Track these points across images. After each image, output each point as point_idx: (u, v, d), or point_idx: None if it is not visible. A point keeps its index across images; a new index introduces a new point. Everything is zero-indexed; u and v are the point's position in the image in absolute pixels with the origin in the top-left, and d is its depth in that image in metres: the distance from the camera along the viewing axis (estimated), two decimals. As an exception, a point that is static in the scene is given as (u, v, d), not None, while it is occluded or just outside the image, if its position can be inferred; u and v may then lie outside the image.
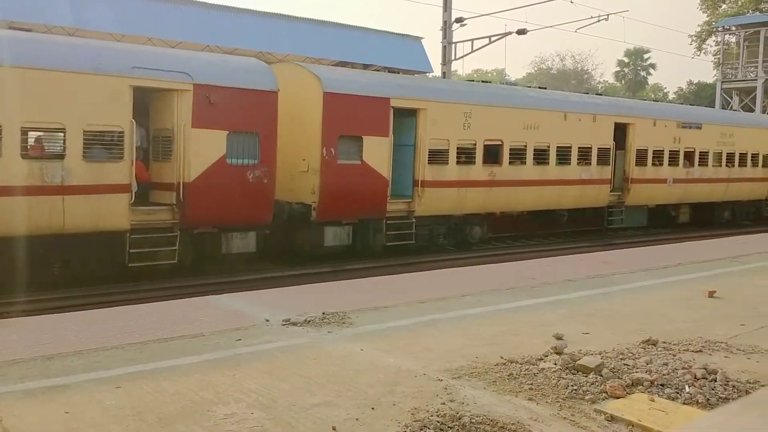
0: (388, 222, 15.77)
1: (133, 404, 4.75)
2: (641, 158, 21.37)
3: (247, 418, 4.54)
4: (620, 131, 20.79)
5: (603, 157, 20.07)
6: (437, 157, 16.47)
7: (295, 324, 6.99)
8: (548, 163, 18.75)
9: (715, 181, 24.39)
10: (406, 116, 16.03)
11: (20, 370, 5.43)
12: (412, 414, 4.64)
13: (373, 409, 4.74)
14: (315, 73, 14.89)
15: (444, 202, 16.69)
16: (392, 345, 6.35)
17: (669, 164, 22.34)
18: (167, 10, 22.15)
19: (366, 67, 18.16)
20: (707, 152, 23.84)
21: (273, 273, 13.89)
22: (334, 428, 4.40)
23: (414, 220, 16.17)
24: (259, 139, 13.32)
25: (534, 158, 18.32)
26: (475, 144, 17.04)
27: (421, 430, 4.37)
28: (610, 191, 20.63)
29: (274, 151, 13.72)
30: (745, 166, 25.63)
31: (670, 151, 22.36)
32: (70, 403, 4.75)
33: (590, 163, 19.76)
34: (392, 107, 15.46)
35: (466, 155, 16.95)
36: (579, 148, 19.48)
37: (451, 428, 4.41)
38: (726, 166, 24.73)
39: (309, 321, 7.08)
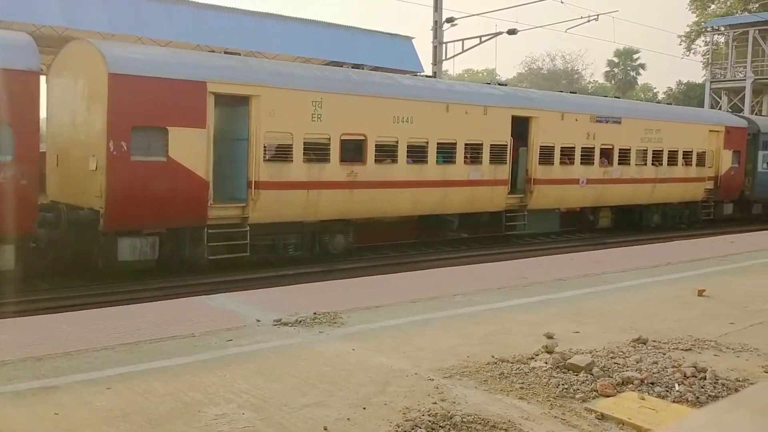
0: (212, 231, 13.23)
1: (123, 405, 4.73)
2: (546, 156, 18.99)
3: (238, 419, 4.53)
4: (522, 126, 18.54)
5: (498, 154, 17.73)
6: (278, 153, 14.26)
7: (286, 324, 6.98)
8: (426, 162, 16.40)
9: (640, 182, 22.03)
10: (240, 105, 13.74)
11: (10, 371, 5.40)
12: (403, 413, 4.65)
13: (364, 408, 4.74)
14: (100, 50, 12.36)
15: (288, 207, 14.21)
16: (384, 345, 6.35)
17: (582, 163, 19.97)
18: (158, 9, 22.07)
19: (357, 66, 18.05)
20: (628, 149, 21.52)
21: (264, 273, 13.87)
22: (325, 428, 4.40)
23: (248, 229, 13.68)
24: (13, 132, 10.95)
25: (408, 156, 16.03)
26: (329, 139, 14.59)
27: (413, 429, 4.38)
28: (509, 193, 18.38)
29: (36, 145, 11.49)
30: (676, 164, 23.28)
31: (583, 148, 19.94)
32: (60, 404, 4.73)
33: (481, 162, 17.45)
34: (211, 93, 13.04)
35: (316, 152, 14.56)
36: (467, 144, 17.17)
37: (442, 427, 4.42)
38: (652, 164, 22.39)
39: (300, 321, 7.07)
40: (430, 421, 4.48)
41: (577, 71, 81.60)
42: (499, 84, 22.39)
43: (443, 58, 26.58)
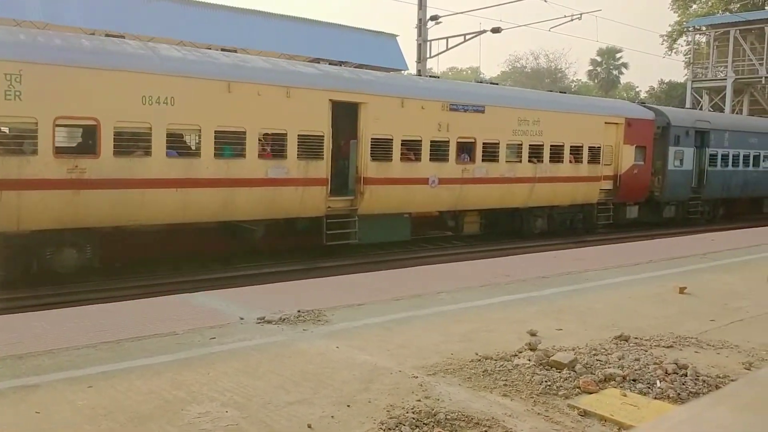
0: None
1: (106, 404, 4.69)
2: (382, 151, 15.71)
3: (221, 417, 4.52)
4: (351, 114, 15.46)
5: (310, 148, 14.53)
6: None
7: (270, 322, 6.96)
8: (199, 156, 13.15)
9: (513, 182, 18.60)
10: None
11: (-11, 370, 5.33)
12: (387, 411, 4.65)
13: (348, 406, 4.74)
14: None
15: None
16: (367, 342, 6.36)
17: (433, 159, 16.72)
18: (140, 5, 21.93)
19: (341, 64, 18.01)
20: (497, 143, 18.04)
21: (247, 271, 13.83)
22: (309, 426, 4.39)
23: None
24: None
25: (169, 148, 12.74)
26: (36, 123, 11.32)
27: (397, 426, 4.38)
28: (332, 195, 15.11)
29: None
30: (561, 161, 19.88)
31: (433, 141, 16.67)
32: (42, 403, 4.68)
33: (286, 157, 14.24)
34: None
35: (19, 141, 11.55)
36: (264, 135, 14.17)
37: (426, 424, 4.43)
38: (530, 161, 19.02)
39: (284, 319, 7.06)
40: (413, 419, 4.49)
41: (561, 70, 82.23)
42: (484, 82, 22.25)
43: (428, 56, 26.61)
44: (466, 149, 17.61)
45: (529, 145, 18.97)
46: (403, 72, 28.11)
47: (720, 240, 15.64)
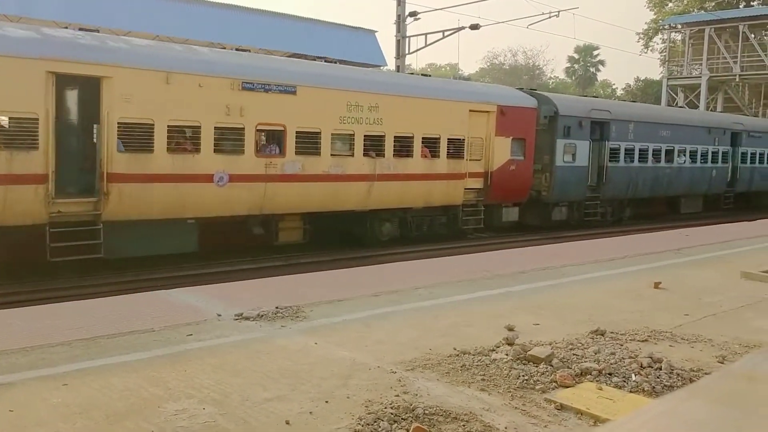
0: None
1: (81, 401, 4.64)
2: (137, 139, 12.56)
3: (198, 414, 4.49)
4: (91, 90, 12.22)
5: (17, 134, 11.49)
6: None
7: (248, 318, 6.93)
8: None
9: (343, 179, 15.44)
10: None
11: (-39, 368, 5.24)
12: (365, 406, 4.65)
13: (327, 402, 4.74)
14: None
15: None
16: (346, 338, 6.35)
17: (218, 151, 13.58)
18: (116, -1, 21.66)
19: (320, 59, 17.91)
20: (316, 133, 14.89)
21: (225, 267, 13.75)
22: (287, 422, 4.38)
23: None
24: None
25: None
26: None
27: (375, 422, 4.39)
28: (57, 197, 11.79)
29: None
30: (410, 155, 16.74)
31: (218, 128, 13.55)
32: (16, 401, 4.61)
33: None
34: None
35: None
36: None
37: (404, 419, 4.44)
38: (367, 155, 15.88)
39: (262, 315, 7.03)
40: (392, 414, 4.50)
41: (539, 67, 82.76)
42: (462, 78, 22.08)
43: (406, 52, 26.62)
44: (272, 139, 14.69)
45: (365, 136, 15.79)
46: (382, 68, 28.09)
47: (694, 236, 15.85)
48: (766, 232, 16.43)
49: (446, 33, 26.75)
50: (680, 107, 42.43)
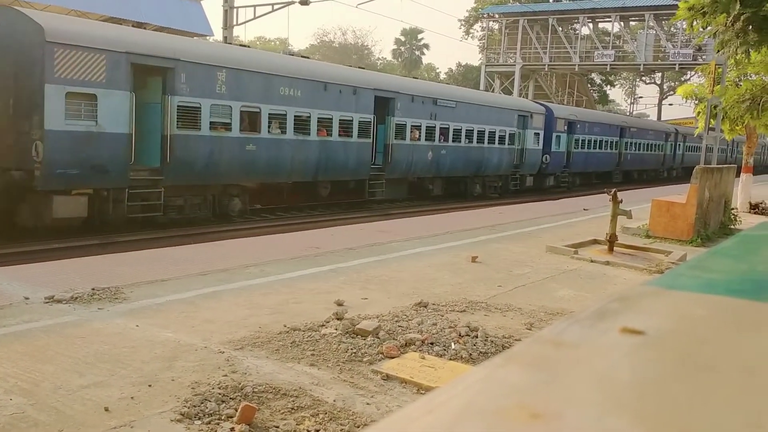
0: None
1: None
2: None
3: (5, 405, 4.11)
4: None
5: None
6: None
7: (59, 301, 6.43)
8: None
9: None
10: None
11: None
12: (192, 388, 4.53)
13: (150, 386, 4.54)
14: None
15: None
16: (170, 319, 6.11)
17: None
18: None
19: (139, 25, 16.84)
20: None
21: (34, 246, 12.61)
22: (107, 409, 4.14)
23: None
24: None
25: None
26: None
27: (202, 403, 4.28)
28: None
29: None
30: None
31: None
32: None
33: None
34: None
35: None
36: None
37: (233, 399, 4.38)
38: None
39: (76, 298, 6.55)
40: (220, 394, 4.42)
41: (367, 47, 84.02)
42: (291, 54, 21.75)
43: (234, 23, 25.82)
44: None
45: None
46: (209, 38, 27.02)
47: (507, 213, 17.05)
48: (568, 209, 18.08)
49: (276, 6, 26.28)
50: (499, 93, 45.08)
